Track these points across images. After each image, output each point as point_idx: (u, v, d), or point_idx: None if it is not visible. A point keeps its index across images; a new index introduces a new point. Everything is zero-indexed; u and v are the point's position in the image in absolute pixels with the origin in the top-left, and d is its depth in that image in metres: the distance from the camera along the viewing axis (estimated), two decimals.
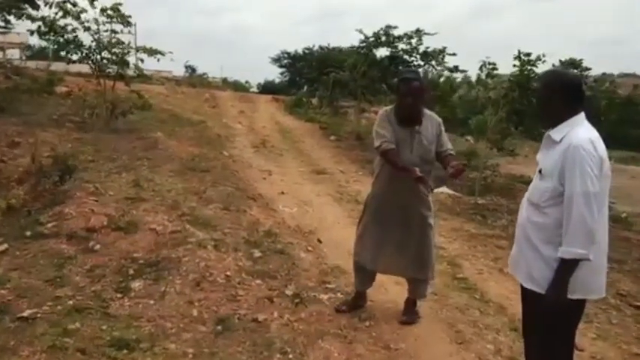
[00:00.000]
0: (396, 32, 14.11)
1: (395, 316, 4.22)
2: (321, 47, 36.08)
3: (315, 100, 23.47)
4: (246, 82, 43.70)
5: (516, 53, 9.88)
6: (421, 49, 14.22)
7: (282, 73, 43.14)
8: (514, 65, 9.96)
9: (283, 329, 3.75)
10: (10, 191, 5.90)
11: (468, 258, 5.99)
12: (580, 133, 2.54)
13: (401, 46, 14.37)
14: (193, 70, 40.13)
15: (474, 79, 11.77)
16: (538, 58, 9.45)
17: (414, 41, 14.11)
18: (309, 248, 5.65)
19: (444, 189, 9.46)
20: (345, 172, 10.68)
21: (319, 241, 5.98)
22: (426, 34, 14.07)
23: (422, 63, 14.47)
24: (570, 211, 2.45)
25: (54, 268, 4.30)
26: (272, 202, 7.44)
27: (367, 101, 18.73)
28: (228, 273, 4.42)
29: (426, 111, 3.93)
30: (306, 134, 15.13)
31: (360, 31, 14.31)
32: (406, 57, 14.61)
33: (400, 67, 14.35)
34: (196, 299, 3.99)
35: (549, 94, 2.68)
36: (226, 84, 36.99)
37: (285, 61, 42.39)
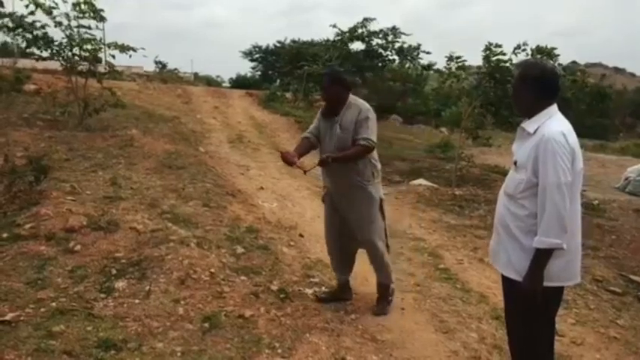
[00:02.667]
0: (373, 25, 14.16)
1: None
2: (293, 41, 35.89)
3: (289, 94, 23.40)
4: (218, 76, 43.38)
5: (485, 44, 9.95)
6: (396, 44, 14.29)
7: (253, 68, 42.92)
8: (483, 57, 10.04)
9: (270, 324, 3.77)
10: None
11: (448, 248, 6.08)
12: (552, 125, 2.60)
13: (376, 41, 14.40)
14: (164, 65, 39.61)
15: (441, 67, 11.88)
16: (518, 47, 9.50)
17: (389, 38, 14.17)
18: (291, 243, 5.67)
19: (421, 181, 9.54)
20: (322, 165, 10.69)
21: (301, 235, 6.00)
22: (401, 33, 14.17)
23: (397, 58, 14.54)
24: (544, 202, 2.52)
25: (34, 269, 4.24)
26: (251, 198, 7.42)
27: None
28: (212, 270, 4.40)
29: (356, 101, 4.01)
30: (281, 128, 15.10)
31: (334, 26, 14.33)
32: (381, 51, 14.66)
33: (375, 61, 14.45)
34: (182, 297, 3.97)
35: (525, 86, 2.72)
36: (198, 79, 36.66)
37: (257, 55, 42.17)
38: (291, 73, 23.18)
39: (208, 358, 3.30)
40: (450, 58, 10.49)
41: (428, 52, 14.41)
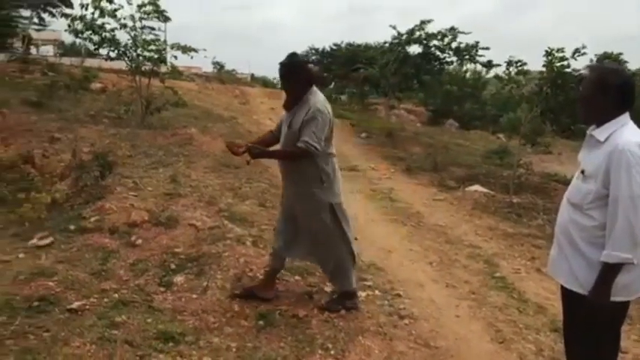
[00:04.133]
0: (430, 27, 14.00)
1: (433, 315, 4.23)
2: (349, 44, 35.94)
3: (344, 97, 23.46)
4: (274, 78, 43.82)
5: (546, 49, 9.66)
6: (454, 45, 14.07)
7: None
8: (543, 63, 9.75)
9: (324, 325, 3.78)
10: (54, 186, 6.05)
11: (505, 257, 5.95)
12: (626, 134, 2.47)
13: (434, 42, 14.24)
14: (222, 66, 40.32)
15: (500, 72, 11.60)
16: (576, 51, 9.21)
17: (447, 39, 13.97)
18: None
19: (477, 187, 9.38)
20: (376, 169, 10.67)
21: (355, 238, 5.98)
22: (460, 32, 13.90)
23: (455, 59, 14.35)
24: (615, 214, 2.41)
25: (98, 261, 4.42)
26: None
27: (396, 98, 18.68)
28: (267, 269, 4.46)
29: (314, 96, 3.77)
30: (335, 131, 15.04)
31: (394, 28, 14.24)
32: (439, 53, 14.50)
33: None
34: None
35: (601, 93, 2.57)
36: (254, 80, 37.18)
37: (313, 57, 42.32)
38: (347, 76, 23.25)
39: (262, 355, 3.34)
40: (510, 63, 10.26)
41: (486, 48, 14.02)
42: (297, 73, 3.75)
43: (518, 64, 10.14)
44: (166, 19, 11.16)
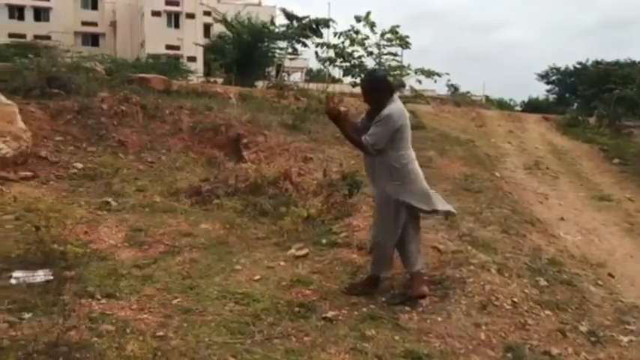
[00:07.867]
0: None
1: None
2: (596, 62, 33.07)
3: (592, 120, 21.52)
4: (511, 99, 42.24)
5: None
6: None
7: (548, 90, 40.57)
8: None
9: None
10: (308, 201, 6.63)
11: None
12: None
13: None
14: (456, 88, 40.16)
15: None
16: None
17: None
18: (599, 282, 5.18)
19: None
20: (633, 199, 9.53)
21: (610, 275, 5.45)
22: None
23: None
24: None
25: (348, 275, 4.72)
26: (551, 228, 7.02)
27: None
28: (514, 299, 4.28)
29: (389, 105, 4.13)
30: (583, 156, 13.91)
31: None
32: None
33: None
34: (483, 322, 3.94)
35: None
36: (489, 102, 36.25)
37: (554, 77, 39.80)
38: (596, 97, 21.37)
39: None
40: None
41: None
42: (378, 87, 4.29)
43: None
44: (407, 45, 11.51)
